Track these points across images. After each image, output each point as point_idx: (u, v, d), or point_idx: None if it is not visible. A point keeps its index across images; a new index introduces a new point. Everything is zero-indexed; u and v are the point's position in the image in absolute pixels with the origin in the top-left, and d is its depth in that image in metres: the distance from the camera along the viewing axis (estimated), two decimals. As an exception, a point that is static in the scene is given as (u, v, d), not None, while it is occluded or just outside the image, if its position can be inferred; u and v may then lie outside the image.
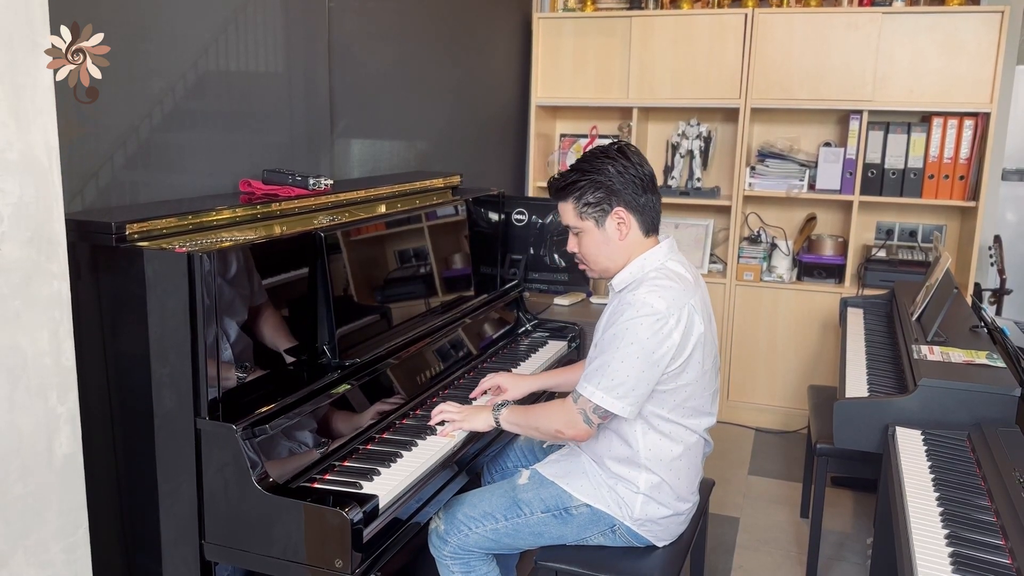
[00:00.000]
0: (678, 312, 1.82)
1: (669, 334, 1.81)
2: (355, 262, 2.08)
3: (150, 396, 1.66)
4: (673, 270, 1.90)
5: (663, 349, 1.81)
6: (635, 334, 1.79)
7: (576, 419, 1.86)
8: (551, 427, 1.92)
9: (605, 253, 1.93)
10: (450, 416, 2.03)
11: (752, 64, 3.85)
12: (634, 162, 1.90)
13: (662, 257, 1.92)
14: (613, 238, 1.91)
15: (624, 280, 1.92)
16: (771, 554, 2.95)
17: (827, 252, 3.99)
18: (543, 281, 3.26)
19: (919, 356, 2.41)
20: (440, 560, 2.04)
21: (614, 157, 1.89)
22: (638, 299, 1.81)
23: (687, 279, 1.90)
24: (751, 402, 4.13)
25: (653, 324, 1.79)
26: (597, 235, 1.92)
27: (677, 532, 2.01)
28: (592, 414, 1.85)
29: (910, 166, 3.78)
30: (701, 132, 4.14)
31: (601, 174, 1.88)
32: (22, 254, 1.38)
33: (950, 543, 1.56)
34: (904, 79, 3.69)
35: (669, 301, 1.81)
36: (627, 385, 1.80)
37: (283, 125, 2.46)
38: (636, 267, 1.91)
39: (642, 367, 1.80)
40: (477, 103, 3.80)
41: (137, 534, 1.75)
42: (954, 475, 1.87)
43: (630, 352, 1.79)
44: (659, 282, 1.85)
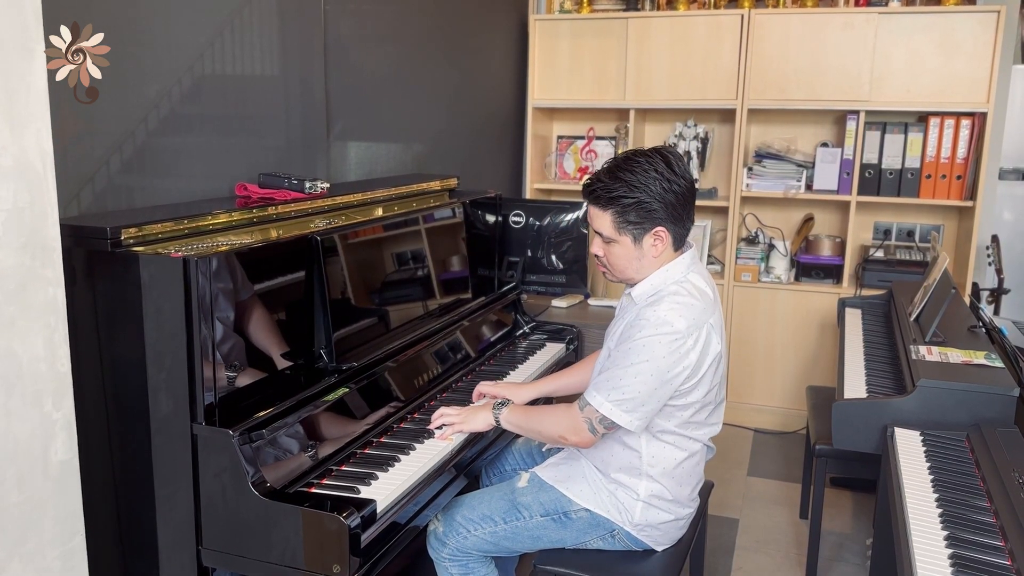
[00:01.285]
0: (697, 332, 1.81)
1: (686, 354, 1.80)
2: (352, 265, 2.07)
3: (147, 401, 1.66)
4: (696, 284, 1.87)
5: (678, 368, 1.80)
6: (651, 351, 1.78)
7: (581, 426, 1.85)
8: (555, 431, 1.91)
9: (635, 267, 1.90)
10: (450, 419, 2.03)
11: (749, 65, 3.84)
12: (679, 174, 1.82)
13: (684, 269, 1.89)
14: (648, 254, 1.87)
15: (645, 292, 1.90)
16: (771, 555, 2.95)
17: (825, 252, 3.99)
18: (541, 283, 3.25)
19: (917, 356, 2.40)
20: (439, 562, 2.03)
21: (661, 173, 1.80)
22: (659, 316, 1.79)
23: (708, 295, 1.88)
24: (750, 403, 4.13)
25: (671, 343, 1.78)
26: (632, 250, 1.87)
27: (676, 536, 2.00)
28: (598, 424, 1.83)
29: (907, 166, 3.78)
30: (698, 133, 4.13)
31: (648, 194, 1.80)
32: (16, 260, 1.37)
33: (949, 544, 1.55)
34: (901, 79, 3.69)
35: (690, 321, 1.80)
36: (637, 400, 1.79)
37: (279, 128, 2.45)
38: (658, 279, 1.88)
39: (655, 384, 1.79)
40: (474, 105, 3.79)
41: (135, 540, 1.74)
42: (953, 476, 1.87)
43: (644, 368, 1.78)
44: (681, 299, 1.82)
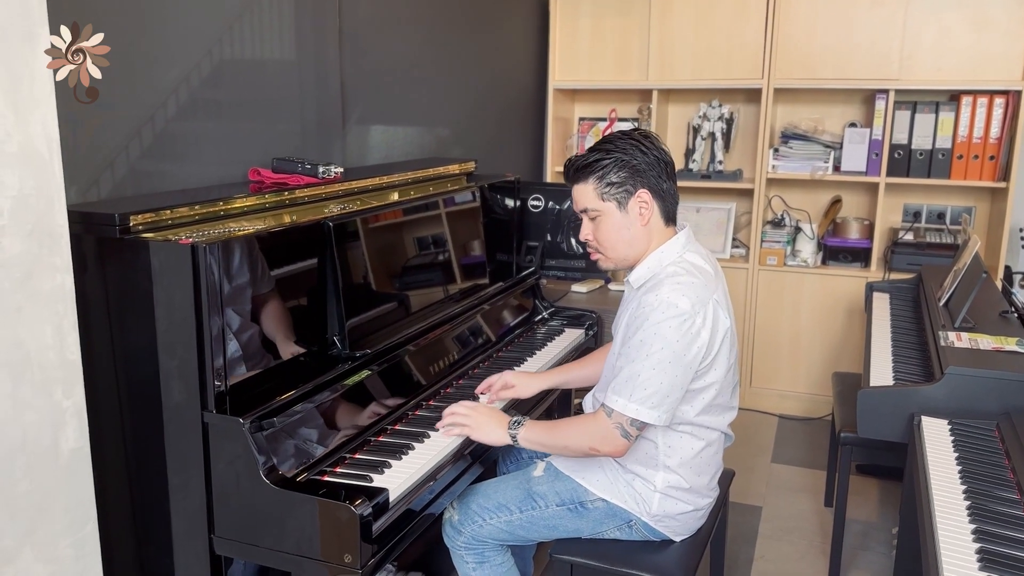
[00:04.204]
0: (703, 310, 1.76)
1: (697, 333, 1.75)
2: (365, 251, 2.05)
3: (159, 389, 1.65)
4: (693, 263, 1.83)
5: (693, 350, 1.75)
6: (664, 338, 1.73)
7: (612, 434, 1.77)
8: (583, 444, 1.81)
9: (626, 239, 1.85)
10: (461, 420, 1.90)
11: (775, 43, 3.76)
12: (657, 146, 1.84)
13: (679, 249, 1.85)
14: (635, 222, 1.84)
15: (642, 276, 1.86)
16: (794, 543, 2.91)
17: (853, 235, 3.91)
18: (560, 268, 3.21)
19: (946, 343, 2.34)
20: (454, 551, 2.01)
21: (638, 140, 1.83)
22: (661, 300, 1.74)
23: (708, 272, 1.84)
24: (774, 389, 4.07)
25: (681, 325, 1.73)
26: (618, 218, 1.84)
27: (695, 527, 1.96)
28: (630, 427, 1.77)
29: (938, 146, 3.68)
30: (723, 114, 4.06)
31: (626, 154, 1.81)
32: (23, 248, 1.36)
33: (977, 539, 1.50)
34: (932, 56, 3.59)
35: (693, 299, 1.75)
36: (661, 393, 1.74)
37: (294, 113, 2.43)
38: (654, 261, 1.85)
39: (675, 372, 1.74)
40: (493, 87, 3.75)
41: (149, 528, 1.74)
42: (982, 467, 1.81)
43: (662, 358, 1.72)
44: (680, 279, 1.77)
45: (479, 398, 2.15)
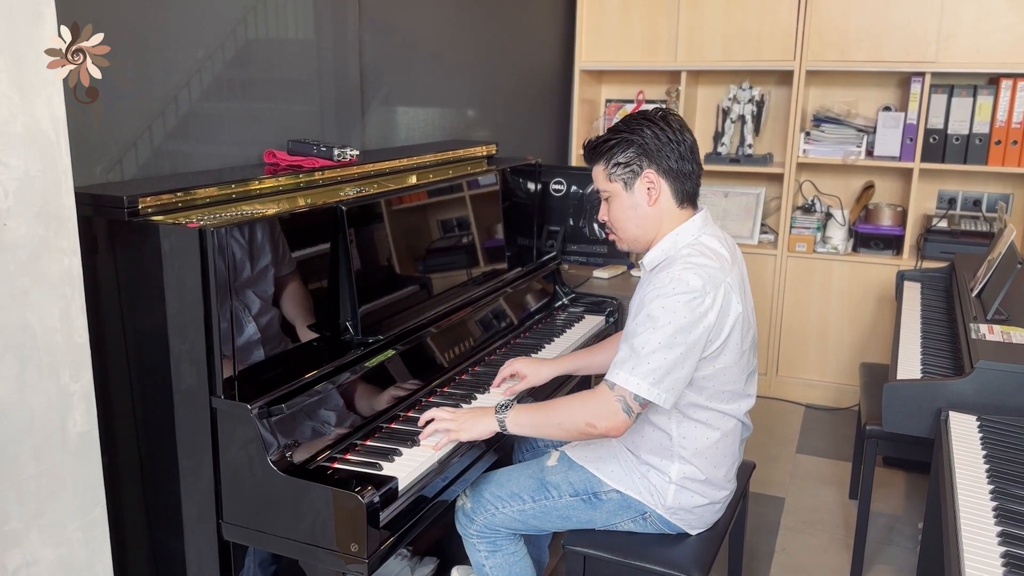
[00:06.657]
0: (714, 291, 1.72)
1: (705, 313, 1.70)
2: (380, 236, 2.02)
3: (170, 374, 1.64)
4: (708, 246, 1.79)
5: (699, 329, 1.70)
6: (671, 313, 1.68)
7: (613, 408, 1.70)
8: (579, 420, 1.74)
9: (634, 220, 1.83)
10: (443, 425, 1.80)
11: (807, 23, 3.66)
12: (674, 128, 1.80)
13: (695, 232, 1.81)
14: (641, 203, 1.81)
15: (655, 258, 1.83)
16: (816, 536, 2.86)
17: (885, 222, 3.82)
18: (582, 253, 3.17)
19: (977, 336, 2.26)
20: (467, 538, 1.99)
21: (654, 121, 1.80)
22: (673, 277, 1.70)
23: (723, 256, 1.79)
24: (801, 377, 4.00)
25: (689, 302, 1.69)
26: (625, 199, 1.82)
27: (712, 520, 1.92)
28: (632, 402, 1.70)
29: (975, 131, 3.57)
30: (753, 96, 3.97)
31: (635, 135, 1.79)
32: (29, 230, 1.34)
33: (1002, 542, 1.45)
34: (970, 38, 3.47)
35: (705, 279, 1.71)
36: (663, 369, 1.69)
37: (312, 94, 2.40)
38: (668, 243, 1.81)
39: (679, 349, 1.69)
40: (518, 68, 3.69)
41: (160, 512, 1.74)
42: (1010, 466, 1.75)
43: (664, 333, 1.68)
44: (693, 259, 1.74)
45: (490, 392, 2.10)
